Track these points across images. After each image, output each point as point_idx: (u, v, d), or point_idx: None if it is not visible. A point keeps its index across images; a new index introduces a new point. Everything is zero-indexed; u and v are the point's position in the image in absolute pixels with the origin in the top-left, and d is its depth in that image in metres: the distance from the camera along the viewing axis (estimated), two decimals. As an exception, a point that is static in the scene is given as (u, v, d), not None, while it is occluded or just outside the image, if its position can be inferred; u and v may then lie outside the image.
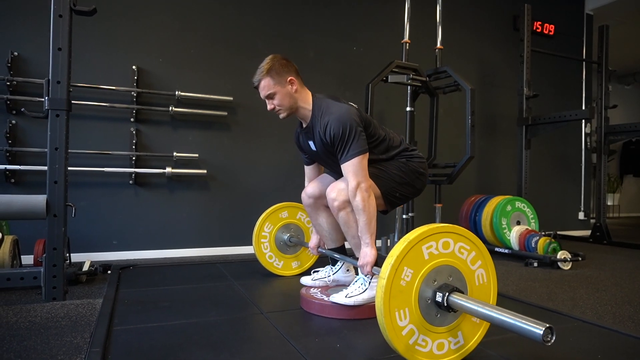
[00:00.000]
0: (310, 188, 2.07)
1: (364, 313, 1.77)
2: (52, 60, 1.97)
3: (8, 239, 2.32)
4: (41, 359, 1.34)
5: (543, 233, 3.31)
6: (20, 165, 2.82)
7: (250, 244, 3.46)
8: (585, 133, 5.08)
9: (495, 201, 3.49)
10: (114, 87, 3.06)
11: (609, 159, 7.79)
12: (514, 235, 3.33)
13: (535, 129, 3.91)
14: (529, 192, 3.95)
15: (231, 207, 3.45)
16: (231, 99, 3.37)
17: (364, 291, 1.78)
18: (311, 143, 1.92)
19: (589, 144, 5.05)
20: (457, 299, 1.27)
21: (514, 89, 4.12)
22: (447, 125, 4.01)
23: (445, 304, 1.28)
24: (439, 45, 3.53)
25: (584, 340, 1.63)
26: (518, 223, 3.45)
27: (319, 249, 2.21)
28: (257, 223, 2.54)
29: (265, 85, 1.81)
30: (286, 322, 1.74)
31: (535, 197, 4.18)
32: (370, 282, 1.80)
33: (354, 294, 1.78)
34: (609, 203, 7.87)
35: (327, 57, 3.80)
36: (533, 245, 3.18)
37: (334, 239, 2.08)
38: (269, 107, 1.86)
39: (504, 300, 2.15)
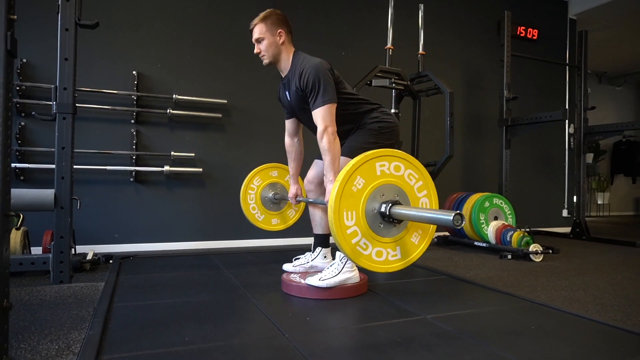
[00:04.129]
0: (311, 173, 2.32)
1: (336, 294, 1.98)
2: (60, 69, 2.20)
3: (19, 231, 2.54)
4: (52, 326, 1.56)
5: (518, 228, 3.51)
6: (28, 163, 3.06)
7: (243, 238, 3.71)
8: (569, 133, 5.27)
9: (474, 198, 3.70)
10: (115, 91, 3.29)
11: (599, 158, 8.00)
12: (491, 229, 3.54)
13: (515, 129, 4.12)
14: (514, 190, 4.14)
15: (225, 203, 3.66)
16: (225, 101, 3.58)
17: (336, 275, 1.99)
18: (287, 94, 2.16)
19: (572, 143, 5.23)
20: (398, 209, 1.53)
21: (499, 92, 4.32)
22: (434, 126, 4.19)
23: (388, 213, 1.54)
24: (421, 50, 3.73)
25: (527, 317, 1.82)
26: (495, 218, 3.65)
27: (297, 198, 2.47)
28: (249, 175, 2.77)
29: (257, 30, 2.10)
30: (267, 302, 1.95)
31: (521, 195, 4.37)
32: (343, 268, 2.02)
33: (326, 277, 1.99)
34: (600, 202, 8.05)
35: (317, 61, 4.00)
36: (508, 239, 3.39)
37: (323, 225, 2.30)
38: (255, 50, 2.13)
39: (469, 286, 2.36)
